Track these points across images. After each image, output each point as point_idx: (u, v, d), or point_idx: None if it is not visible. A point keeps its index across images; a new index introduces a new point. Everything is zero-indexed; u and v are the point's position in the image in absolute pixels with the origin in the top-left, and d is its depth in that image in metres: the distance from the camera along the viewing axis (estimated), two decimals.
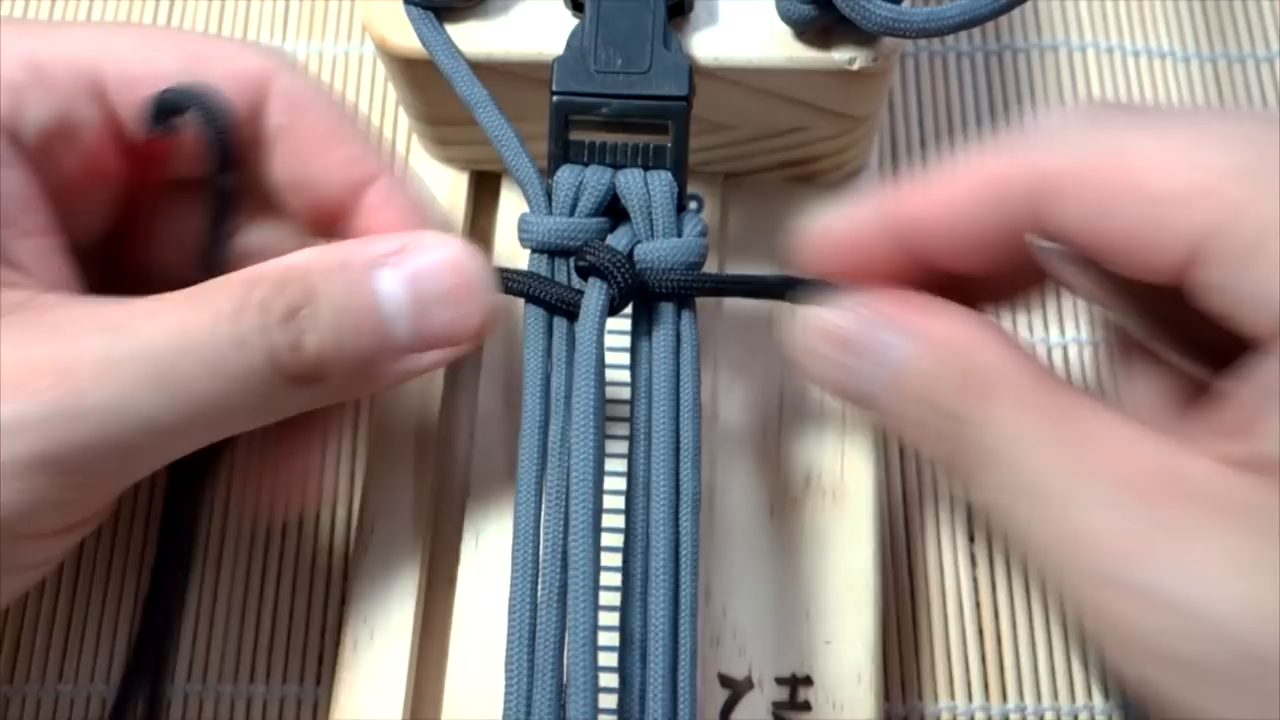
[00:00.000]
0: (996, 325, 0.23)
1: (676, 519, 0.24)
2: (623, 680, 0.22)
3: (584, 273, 0.26)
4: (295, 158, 0.27)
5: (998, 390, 0.22)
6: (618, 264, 0.25)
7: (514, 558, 0.23)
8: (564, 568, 0.23)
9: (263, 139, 0.27)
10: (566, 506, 0.23)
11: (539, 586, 0.23)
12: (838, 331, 0.24)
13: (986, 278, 0.25)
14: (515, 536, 0.24)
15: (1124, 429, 0.20)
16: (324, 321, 0.23)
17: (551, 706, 0.22)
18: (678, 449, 0.24)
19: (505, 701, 0.22)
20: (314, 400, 0.24)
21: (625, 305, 0.26)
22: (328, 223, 0.28)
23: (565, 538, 0.23)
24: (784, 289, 0.26)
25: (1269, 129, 0.20)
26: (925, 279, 0.24)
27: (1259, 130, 0.20)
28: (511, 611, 0.23)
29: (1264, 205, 0.19)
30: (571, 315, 0.26)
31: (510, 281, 0.26)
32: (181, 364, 0.22)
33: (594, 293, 0.25)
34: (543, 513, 0.24)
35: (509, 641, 0.23)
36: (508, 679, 0.23)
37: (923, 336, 0.23)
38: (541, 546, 0.23)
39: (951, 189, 0.23)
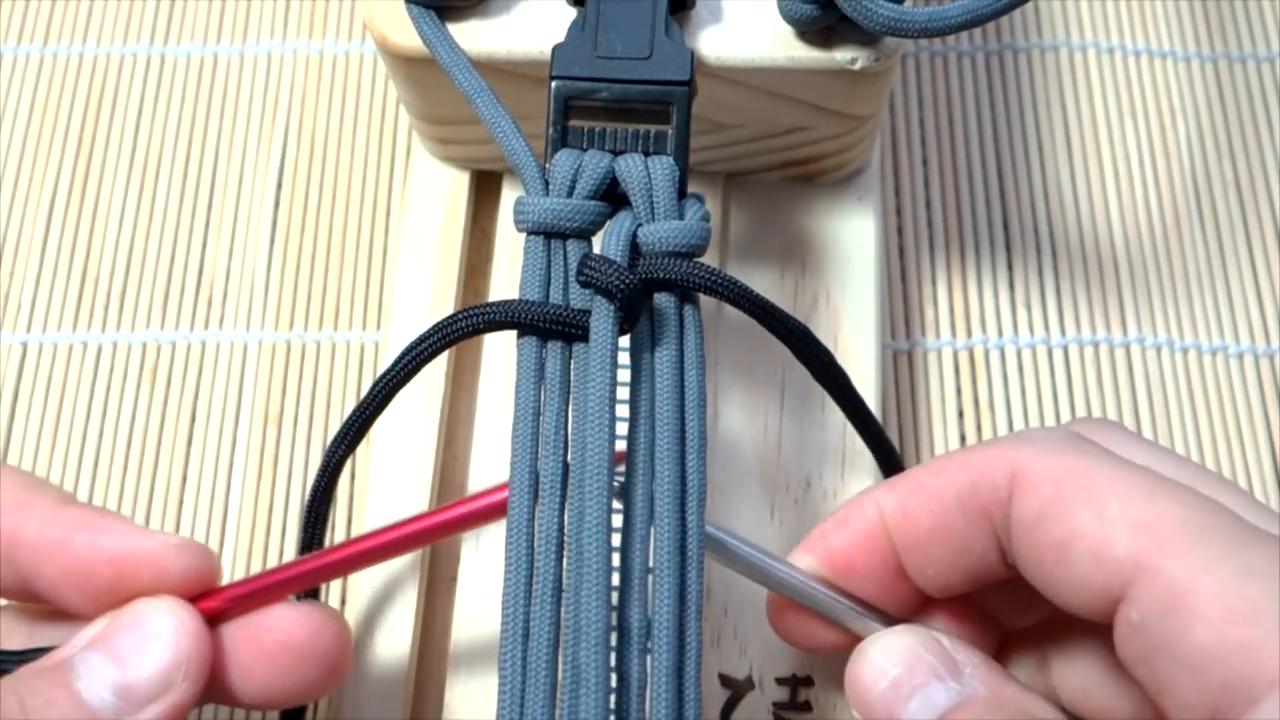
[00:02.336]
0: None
1: (683, 513, 0.23)
2: (621, 677, 0.22)
3: (585, 285, 0.25)
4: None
5: None
6: (621, 280, 0.24)
7: (507, 552, 0.23)
8: (558, 561, 0.23)
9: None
10: (563, 497, 0.23)
11: (534, 582, 0.23)
12: (914, 652, 0.24)
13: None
14: (509, 531, 0.23)
15: None
16: (5, 710, 0.22)
17: (545, 706, 0.22)
18: (683, 439, 0.24)
19: (499, 701, 0.22)
20: None
21: (634, 322, 0.25)
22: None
23: (559, 532, 0.23)
24: (786, 335, 0.26)
25: (1218, 492, 0.22)
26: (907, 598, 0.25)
27: (1210, 489, 0.22)
28: (505, 608, 0.23)
29: (1198, 556, 0.20)
30: (571, 336, 0.25)
31: (499, 313, 0.25)
32: None
33: (602, 316, 0.24)
34: (537, 506, 0.23)
35: (502, 639, 0.23)
36: (501, 677, 0.22)
37: (993, 689, 0.23)
38: (536, 542, 0.23)
39: (933, 476, 0.24)
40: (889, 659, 0.24)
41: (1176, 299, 0.36)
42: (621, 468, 0.24)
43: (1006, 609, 0.26)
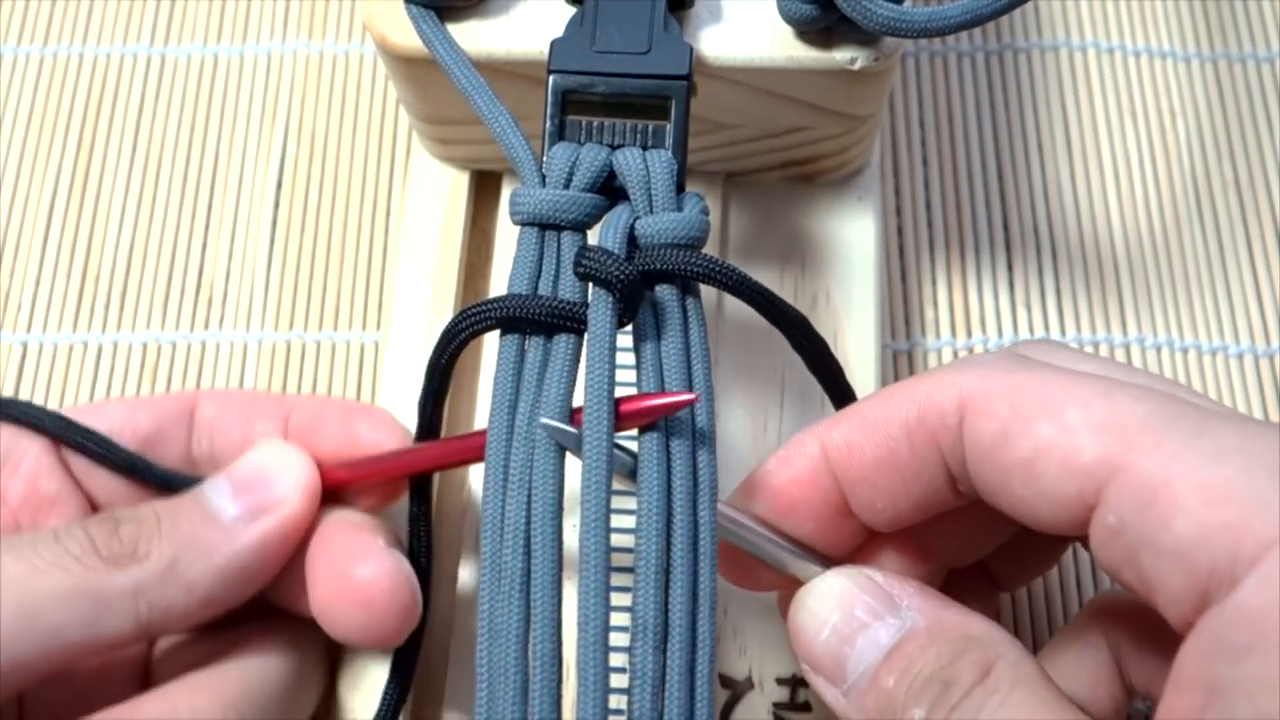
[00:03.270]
0: (1010, 635, 0.23)
1: (695, 508, 0.23)
2: (634, 672, 0.22)
3: (583, 277, 0.25)
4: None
5: (997, 669, 0.22)
6: (620, 270, 0.24)
7: (482, 547, 0.23)
8: (526, 557, 0.23)
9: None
10: (530, 492, 0.23)
11: (501, 578, 0.23)
12: (848, 595, 0.23)
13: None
14: (483, 525, 0.23)
15: None
16: (142, 513, 0.26)
17: (516, 703, 0.22)
18: (694, 432, 0.24)
19: (477, 697, 0.22)
20: (145, 585, 0.25)
21: (633, 315, 0.25)
22: None
23: (528, 525, 0.23)
24: (784, 323, 0.26)
25: (1170, 386, 0.22)
26: (852, 535, 0.25)
27: (1162, 385, 0.22)
28: (480, 605, 0.23)
29: (1168, 448, 0.20)
30: (568, 329, 0.25)
31: (500, 309, 0.25)
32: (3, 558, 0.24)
33: (600, 308, 0.24)
34: (506, 500, 0.23)
35: (478, 637, 0.23)
36: (478, 674, 0.22)
37: (932, 616, 0.23)
38: (504, 537, 0.23)
39: (878, 412, 0.24)
40: (826, 606, 0.24)
41: (1176, 299, 0.36)
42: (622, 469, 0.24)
43: (952, 544, 0.26)
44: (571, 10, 0.28)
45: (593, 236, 0.26)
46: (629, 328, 0.25)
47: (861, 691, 0.23)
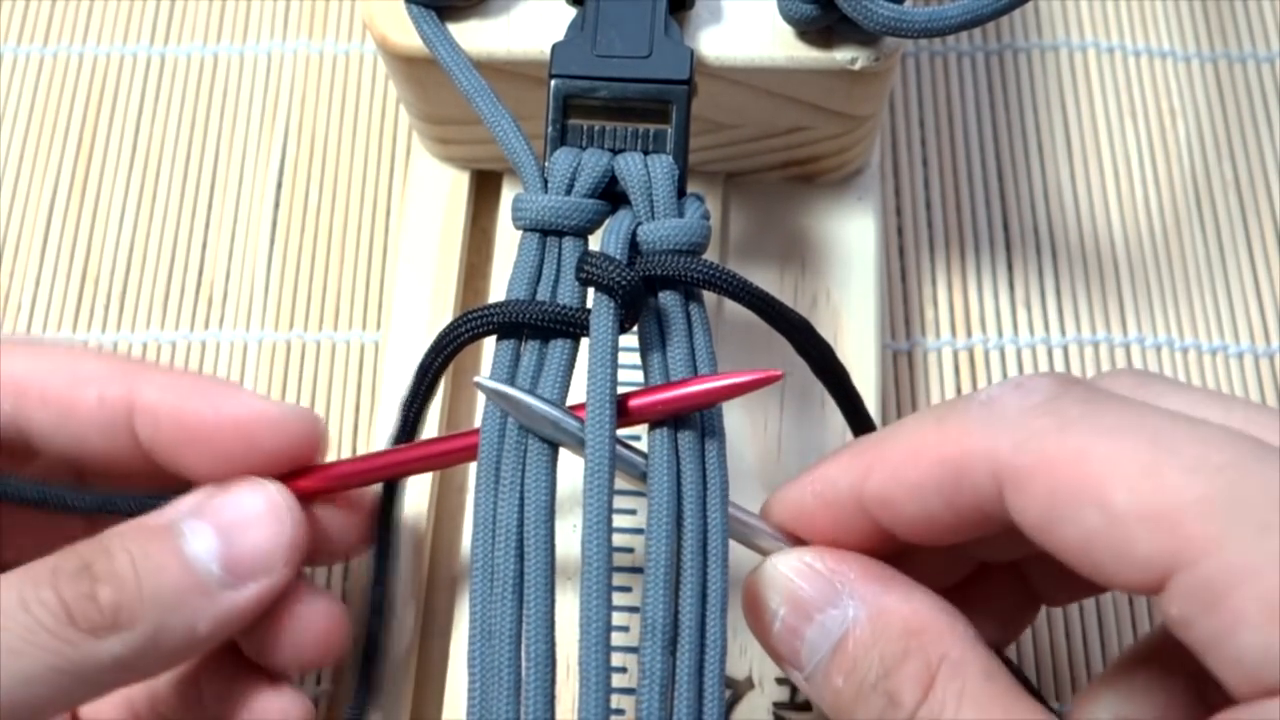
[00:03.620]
0: (959, 615, 0.22)
1: (705, 508, 0.23)
2: (642, 673, 0.22)
3: (585, 282, 0.25)
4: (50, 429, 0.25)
5: (940, 679, 0.21)
6: (622, 276, 0.24)
7: (473, 548, 0.23)
8: (520, 557, 0.23)
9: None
10: (522, 492, 0.23)
11: (493, 579, 0.23)
12: (790, 587, 0.23)
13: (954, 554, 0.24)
14: (475, 527, 0.23)
15: None
16: (119, 568, 0.23)
17: (509, 703, 0.22)
18: (703, 436, 0.24)
19: (468, 700, 0.22)
20: (127, 658, 0.22)
21: (634, 320, 0.25)
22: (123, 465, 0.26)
23: (521, 526, 0.23)
24: (787, 328, 0.26)
25: (1236, 446, 0.19)
26: (893, 550, 0.24)
27: (1226, 447, 0.19)
28: (471, 606, 0.23)
29: (1231, 549, 0.18)
30: (566, 334, 0.25)
31: (501, 313, 0.25)
32: None
33: (602, 313, 0.24)
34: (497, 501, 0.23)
35: (470, 638, 0.23)
36: (470, 675, 0.22)
37: (873, 605, 0.22)
38: (495, 538, 0.23)
39: (912, 470, 0.22)
40: (774, 598, 0.23)
41: (1176, 299, 0.36)
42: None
43: (985, 544, 0.25)
44: (572, 11, 0.28)
45: (594, 241, 0.26)
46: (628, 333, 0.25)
47: (818, 684, 0.23)
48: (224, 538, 0.24)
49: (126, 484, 0.26)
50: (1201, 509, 0.18)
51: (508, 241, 0.33)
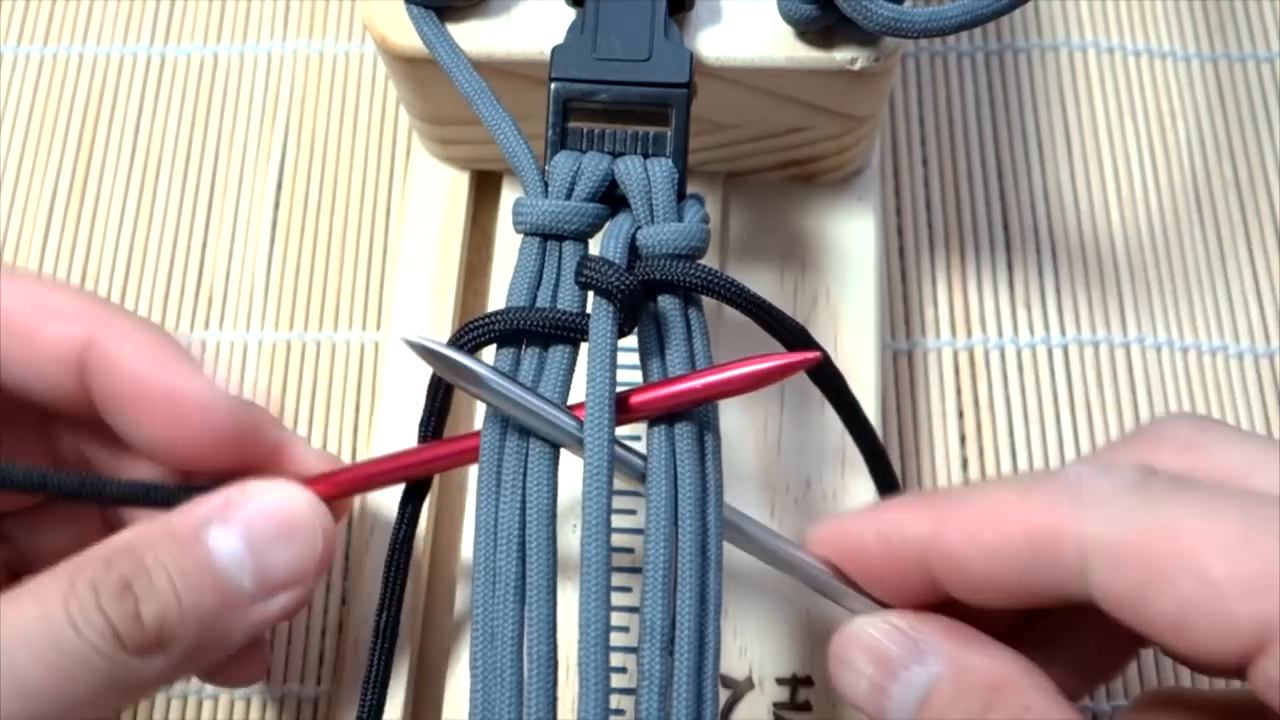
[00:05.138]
0: (1038, 670, 0.22)
1: (704, 512, 0.23)
2: (641, 674, 0.22)
3: (584, 286, 0.25)
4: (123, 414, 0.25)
5: None
6: (621, 280, 0.24)
7: (475, 551, 0.23)
8: (521, 559, 0.23)
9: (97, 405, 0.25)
10: (523, 495, 0.23)
11: (495, 581, 0.23)
12: (876, 646, 0.23)
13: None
14: (476, 530, 0.23)
15: None
16: (159, 586, 0.23)
17: (511, 705, 0.22)
18: (703, 438, 0.24)
19: (470, 702, 0.22)
20: (167, 671, 0.23)
21: (633, 324, 0.25)
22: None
23: (523, 529, 0.23)
24: (784, 334, 0.26)
25: None
26: (937, 602, 0.24)
27: None
28: (473, 608, 0.23)
29: None
30: (566, 340, 0.25)
31: (503, 321, 0.25)
32: (15, 657, 0.21)
33: (601, 318, 0.24)
34: (499, 504, 0.23)
35: (472, 640, 0.23)
36: (472, 677, 0.22)
37: (956, 662, 0.23)
38: (498, 541, 0.23)
39: (991, 533, 0.22)
40: (862, 657, 0.23)
41: (1176, 299, 0.36)
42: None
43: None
44: (572, 12, 0.28)
45: (593, 245, 0.26)
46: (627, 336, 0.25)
47: None
48: (253, 550, 0.24)
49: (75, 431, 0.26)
50: None
51: (508, 242, 0.33)
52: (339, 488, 0.26)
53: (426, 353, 0.24)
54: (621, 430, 0.24)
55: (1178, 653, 0.21)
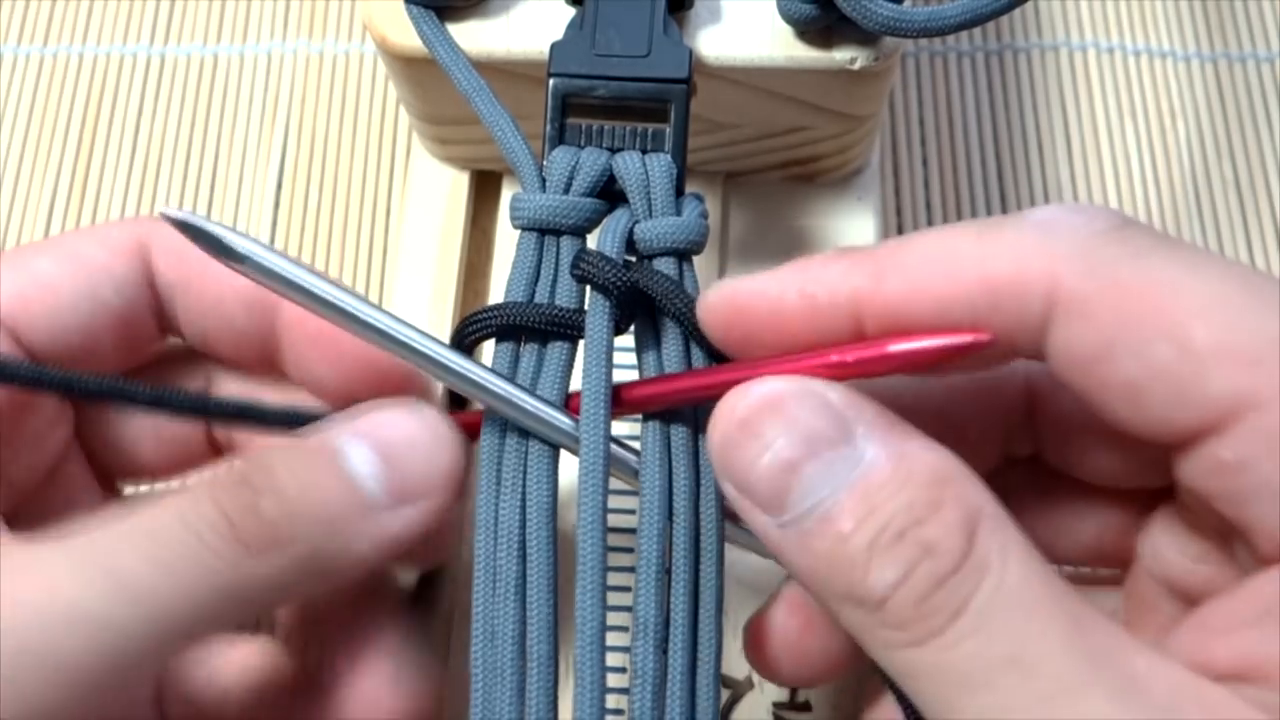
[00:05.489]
0: (977, 475, 0.20)
1: (697, 505, 0.23)
2: (634, 672, 0.22)
3: (580, 280, 0.25)
4: (195, 311, 0.25)
5: (981, 532, 0.18)
6: (616, 275, 0.24)
7: (476, 550, 0.23)
8: (522, 559, 0.23)
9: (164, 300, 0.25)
10: (524, 494, 0.23)
11: (495, 580, 0.23)
12: (797, 416, 0.20)
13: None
14: (477, 529, 0.23)
15: (1124, 635, 0.18)
16: (280, 480, 0.21)
17: (512, 704, 0.22)
18: (696, 434, 0.24)
19: (471, 702, 0.22)
20: (284, 578, 0.21)
21: (630, 320, 0.25)
22: (264, 366, 0.26)
23: (523, 528, 0.23)
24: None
25: None
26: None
27: None
28: (474, 607, 0.23)
29: None
30: (564, 336, 0.25)
31: (500, 317, 0.24)
32: (120, 558, 0.20)
33: (598, 313, 0.24)
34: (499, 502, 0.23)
35: (472, 639, 0.22)
36: (472, 677, 0.22)
37: (895, 449, 0.19)
38: (498, 540, 0.23)
39: (941, 282, 0.19)
40: (772, 426, 0.20)
41: None
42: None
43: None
44: (571, 11, 0.28)
45: (591, 240, 0.26)
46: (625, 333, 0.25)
47: (807, 531, 0.19)
48: (385, 457, 0.22)
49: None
50: None
51: (508, 241, 0.33)
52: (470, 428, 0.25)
53: (189, 229, 0.22)
54: (622, 431, 0.24)
55: (1119, 420, 0.19)
